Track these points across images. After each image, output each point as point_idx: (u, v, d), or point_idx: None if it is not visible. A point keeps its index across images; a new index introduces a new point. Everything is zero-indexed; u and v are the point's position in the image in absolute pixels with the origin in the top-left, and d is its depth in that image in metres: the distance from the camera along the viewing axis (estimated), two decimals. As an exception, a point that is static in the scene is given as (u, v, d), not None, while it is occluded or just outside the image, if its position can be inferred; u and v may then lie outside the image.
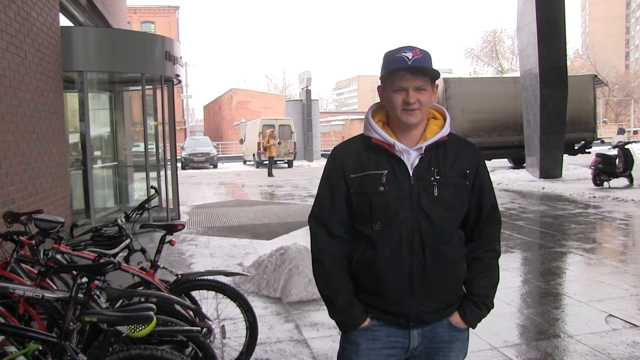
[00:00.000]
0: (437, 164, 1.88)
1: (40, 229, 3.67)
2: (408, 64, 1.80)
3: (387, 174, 1.86)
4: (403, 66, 1.81)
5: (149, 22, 46.66)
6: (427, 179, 1.86)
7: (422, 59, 1.82)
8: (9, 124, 5.76)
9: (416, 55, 1.82)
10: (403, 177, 1.86)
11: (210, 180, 20.53)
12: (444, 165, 1.88)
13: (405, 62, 1.81)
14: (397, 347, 1.92)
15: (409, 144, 1.90)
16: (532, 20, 15.08)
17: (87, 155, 8.81)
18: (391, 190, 1.85)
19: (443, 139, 1.91)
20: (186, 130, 42.08)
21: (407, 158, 1.88)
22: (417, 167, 1.87)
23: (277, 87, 78.45)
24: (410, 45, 1.86)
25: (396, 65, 1.82)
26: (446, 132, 1.92)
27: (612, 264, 6.54)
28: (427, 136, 1.90)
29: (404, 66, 1.81)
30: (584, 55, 74.18)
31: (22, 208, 5.69)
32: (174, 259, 7.04)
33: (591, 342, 4.12)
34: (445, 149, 1.91)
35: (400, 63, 1.81)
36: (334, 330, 4.40)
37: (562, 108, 15.26)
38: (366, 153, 1.91)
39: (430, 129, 1.93)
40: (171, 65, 9.95)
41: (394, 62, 1.83)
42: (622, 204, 11.22)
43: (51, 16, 7.38)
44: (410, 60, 1.81)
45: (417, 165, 1.87)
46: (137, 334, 2.20)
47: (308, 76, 31.82)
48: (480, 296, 1.95)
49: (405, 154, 1.88)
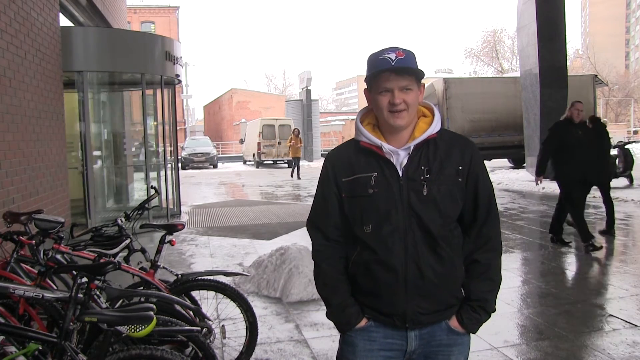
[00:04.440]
0: (427, 162, 1.85)
1: (40, 229, 3.66)
2: (392, 65, 1.79)
3: (376, 176, 1.85)
4: (387, 67, 1.80)
5: (149, 22, 46.63)
6: (417, 178, 1.84)
7: (406, 59, 1.81)
8: (9, 124, 5.76)
9: (399, 55, 1.80)
10: (392, 179, 1.85)
11: (210, 180, 20.53)
12: (434, 163, 1.85)
13: (389, 63, 1.80)
14: (395, 349, 1.91)
15: (398, 145, 1.88)
16: (532, 20, 15.07)
17: (87, 155, 8.82)
18: (380, 192, 1.84)
19: (432, 136, 1.88)
20: (186, 130, 42.06)
21: (396, 159, 1.86)
22: (407, 167, 1.85)
23: (277, 87, 78.47)
24: (394, 46, 1.85)
25: (380, 67, 1.81)
26: (435, 129, 1.89)
27: (612, 264, 6.54)
28: (416, 135, 1.88)
29: (388, 67, 1.80)
30: (584, 55, 74.14)
31: (22, 208, 5.69)
32: (174, 259, 7.04)
33: (591, 342, 4.12)
34: (435, 146, 1.88)
35: (384, 64, 1.80)
36: (334, 330, 4.38)
37: (562, 108, 15.17)
38: (356, 157, 1.91)
39: (419, 127, 1.90)
40: (171, 65, 9.95)
41: (378, 64, 1.82)
42: (622, 204, 11.22)
43: (51, 16, 7.39)
44: (394, 61, 1.79)
45: (406, 165, 1.85)
46: (137, 334, 2.20)
47: (308, 76, 31.86)
48: (479, 300, 1.90)
49: (394, 155, 1.86)
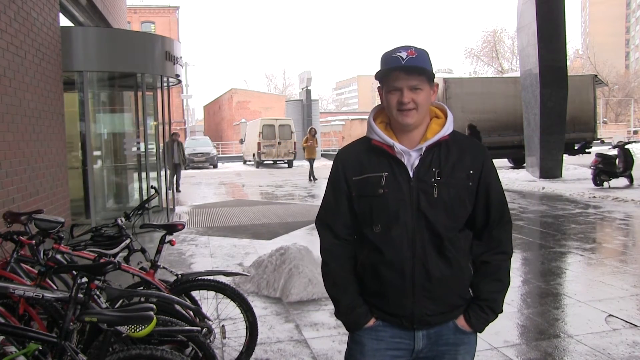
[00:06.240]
0: (438, 165, 1.83)
1: (40, 229, 3.66)
2: (401, 64, 1.78)
3: (386, 176, 1.84)
4: (397, 65, 1.79)
5: (149, 22, 46.62)
6: (427, 180, 1.82)
7: (417, 58, 1.79)
8: (9, 124, 5.76)
9: (411, 54, 1.79)
10: (403, 179, 1.83)
11: (210, 180, 20.54)
12: (446, 166, 1.83)
13: (399, 61, 1.78)
14: (402, 348, 1.91)
15: (410, 145, 1.86)
16: (532, 20, 15.08)
17: (87, 155, 8.82)
18: (390, 192, 1.83)
19: (444, 138, 1.86)
20: (186, 130, 42.06)
21: (408, 159, 1.85)
22: (417, 168, 1.84)
23: (277, 87, 78.44)
24: (407, 45, 1.83)
25: (390, 65, 1.80)
26: (448, 131, 1.88)
27: (612, 264, 6.54)
28: (428, 136, 1.87)
29: (398, 65, 1.79)
30: (584, 55, 74.16)
31: (22, 208, 5.69)
32: (174, 259, 7.03)
33: (591, 342, 4.11)
34: (447, 148, 1.86)
35: (394, 63, 1.79)
36: (334, 330, 4.40)
37: (562, 108, 15.26)
38: (367, 155, 1.90)
39: (431, 128, 1.89)
40: (171, 65, 9.95)
41: (389, 62, 1.81)
42: (622, 204, 11.22)
43: (51, 16, 7.38)
44: (404, 59, 1.78)
45: (417, 167, 1.84)
46: (137, 334, 2.20)
47: (308, 76, 31.85)
48: (487, 300, 1.90)
49: (405, 156, 1.85)
